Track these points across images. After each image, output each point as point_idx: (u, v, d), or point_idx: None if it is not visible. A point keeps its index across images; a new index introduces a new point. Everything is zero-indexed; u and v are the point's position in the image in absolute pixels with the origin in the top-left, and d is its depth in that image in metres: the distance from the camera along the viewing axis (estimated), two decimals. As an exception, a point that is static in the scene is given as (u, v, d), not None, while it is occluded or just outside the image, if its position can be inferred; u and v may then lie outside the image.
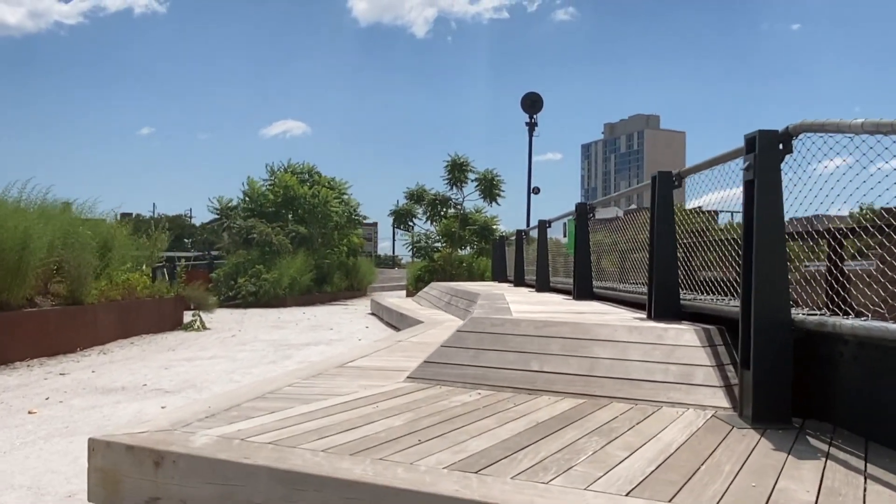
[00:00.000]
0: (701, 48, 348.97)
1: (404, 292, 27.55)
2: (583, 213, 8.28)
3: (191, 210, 77.70)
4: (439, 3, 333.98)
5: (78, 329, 9.32)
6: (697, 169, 5.06)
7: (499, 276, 17.71)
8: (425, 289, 16.36)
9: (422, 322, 10.42)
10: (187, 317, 12.91)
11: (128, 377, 7.31)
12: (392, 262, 60.54)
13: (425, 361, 5.05)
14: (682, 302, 5.28)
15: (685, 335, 4.54)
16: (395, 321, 12.89)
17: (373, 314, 16.49)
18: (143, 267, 12.57)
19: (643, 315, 5.64)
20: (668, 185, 5.35)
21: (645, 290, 6.17)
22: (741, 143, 3.90)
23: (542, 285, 11.10)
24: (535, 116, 29.46)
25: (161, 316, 11.88)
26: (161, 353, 9.32)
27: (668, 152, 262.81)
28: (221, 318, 15.03)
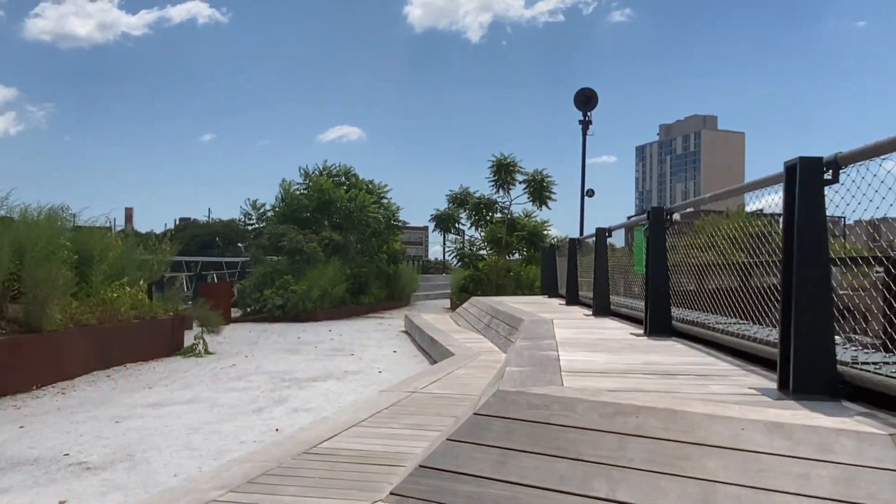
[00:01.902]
0: (761, 47, 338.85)
1: (448, 301, 25.69)
2: (659, 220, 6.24)
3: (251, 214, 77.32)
4: (494, 8, 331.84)
5: (34, 362, 7.70)
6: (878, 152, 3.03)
7: (549, 288, 15.66)
8: (465, 304, 14.44)
9: (452, 354, 8.51)
10: (191, 338, 11.27)
11: (56, 438, 5.59)
12: (442, 266, 58.80)
13: (421, 466, 3.13)
14: (847, 369, 3.26)
15: (876, 445, 2.54)
16: (427, 346, 11.02)
17: (406, 332, 14.65)
18: (141, 282, 10.97)
19: (772, 382, 3.61)
20: (816, 179, 3.33)
21: (766, 334, 4.15)
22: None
23: (601, 308, 9.06)
24: (589, 114, 27.39)
25: (155, 339, 10.25)
26: (131, 394, 7.63)
27: (727, 154, 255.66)
28: (235, 338, 13.39)
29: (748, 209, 7.80)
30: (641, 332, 6.53)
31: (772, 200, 4.33)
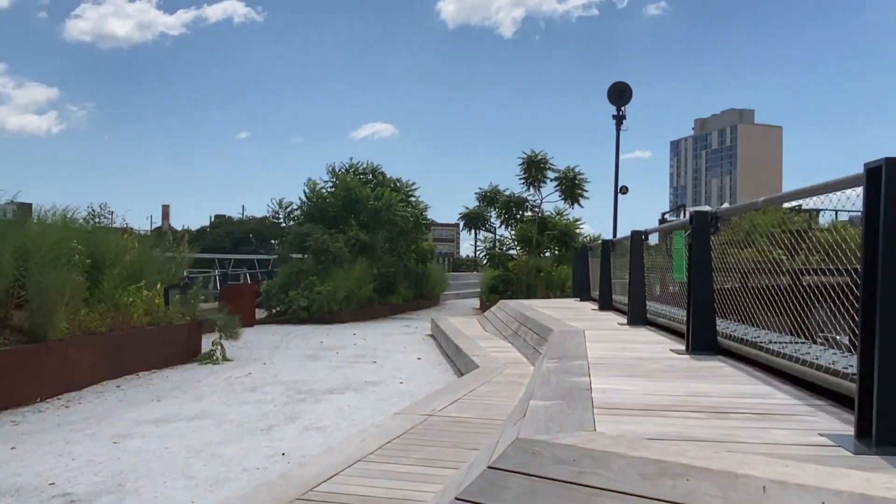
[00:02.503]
0: (798, 39, 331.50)
1: (478, 301, 25.12)
2: (703, 227, 5.63)
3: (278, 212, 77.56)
4: (527, 3, 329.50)
5: (38, 374, 7.36)
6: None
7: (581, 290, 15.04)
8: (493, 308, 13.89)
9: (476, 365, 8.00)
10: (209, 342, 10.89)
11: (46, 463, 5.19)
12: (473, 264, 58.22)
13: (424, 533, 2.61)
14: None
15: None
16: (452, 353, 10.52)
17: (432, 336, 14.17)
18: (158, 286, 10.62)
19: (847, 426, 3.03)
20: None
21: (834, 362, 3.59)
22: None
23: (636, 317, 8.46)
24: (623, 108, 26.64)
25: (170, 346, 9.89)
26: (137, 407, 7.24)
27: (764, 148, 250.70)
28: (257, 342, 13.03)
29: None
30: (683, 348, 5.93)
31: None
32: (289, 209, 22.66)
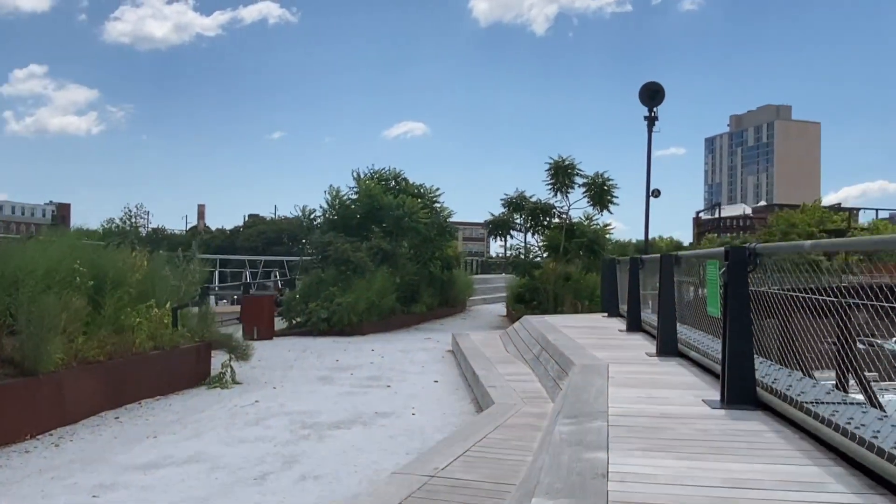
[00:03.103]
0: (837, 34, 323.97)
1: (505, 307, 24.51)
2: (740, 264, 5.00)
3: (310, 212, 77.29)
4: (560, 0, 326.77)
5: (28, 409, 6.99)
6: None
7: (610, 306, 14.35)
8: (517, 325, 13.30)
9: (492, 400, 7.46)
10: (222, 359, 10.46)
11: (13, 525, 4.78)
12: (503, 264, 57.59)
13: None
14: None
15: None
16: (470, 378, 9.98)
17: (452, 353, 13.64)
18: (167, 304, 10.26)
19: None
20: None
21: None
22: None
23: (666, 348, 7.84)
24: (655, 109, 25.80)
25: (176, 370, 9.51)
26: (130, 448, 6.81)
27: (802, 145, 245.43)
28: (271, 360, 12.63)
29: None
30: (717, 396, 5.31)
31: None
32: (312, 216, 22.35)
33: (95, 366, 7.93)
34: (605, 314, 14.24)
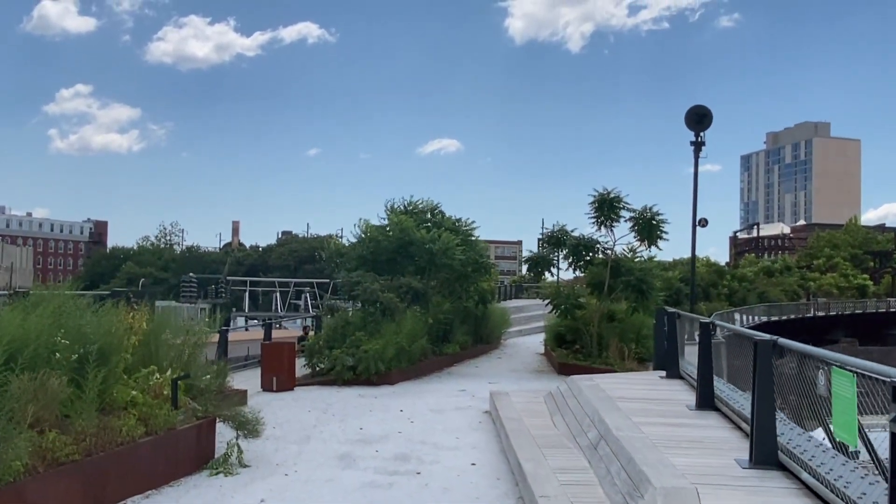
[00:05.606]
0: (876, 49, 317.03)
1: (542, 345, 22.94)
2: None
3: (342, 230, 76.44)
4: (595, 17, 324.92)
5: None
6: None
7: (668, 363, 12.68)
8: (563, 387, 11.74)
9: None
10: (226, 438, 9.15)
11: None
12: (536, 284, 55.82)
13: None
14: None
15: None
16: (514, 468, 8.52)
17: (489, 414, 12.19)
18: (168, 373, 8.98)
19: None
20: None
21: None
22: None
23: (763, 453, 6.31)
24: (702, 134, 24.22)
25: (173, 455, 8.20)
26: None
27: (841, 162, 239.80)
28: (288, 423, 11.31)
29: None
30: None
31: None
32: (342, 252, 21.22)
33: (69, 467, 6.64)
34: (663, 373, 12.63)
